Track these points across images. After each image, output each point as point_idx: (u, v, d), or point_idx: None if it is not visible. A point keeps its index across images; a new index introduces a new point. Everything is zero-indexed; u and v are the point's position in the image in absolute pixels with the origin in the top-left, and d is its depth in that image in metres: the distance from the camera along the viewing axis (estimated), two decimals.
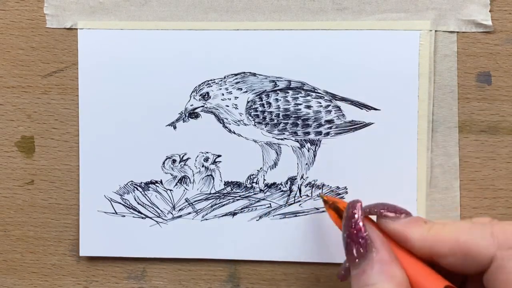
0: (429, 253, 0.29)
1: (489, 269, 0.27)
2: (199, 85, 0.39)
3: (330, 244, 0.38)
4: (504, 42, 0.38)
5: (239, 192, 0.39)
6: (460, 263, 0.28)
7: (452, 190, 0.38)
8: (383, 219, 0.31)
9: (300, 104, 0.38)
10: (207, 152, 0.39)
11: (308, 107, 0.38)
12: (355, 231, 0.30)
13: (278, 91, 0.38)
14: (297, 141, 0.39)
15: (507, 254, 0.26)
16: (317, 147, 0.38)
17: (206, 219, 0.39)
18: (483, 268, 0.27)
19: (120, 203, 0.39)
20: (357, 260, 0.29)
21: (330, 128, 0.38)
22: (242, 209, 0.39)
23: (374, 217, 0.32)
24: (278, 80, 0.38)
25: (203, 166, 0.39)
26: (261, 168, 0.39)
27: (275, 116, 0.38)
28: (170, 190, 0.39)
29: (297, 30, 0.38)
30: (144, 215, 0.39)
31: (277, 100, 0.38)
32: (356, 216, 0.30)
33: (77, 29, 0.39)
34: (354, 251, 0.29)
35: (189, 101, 0.39)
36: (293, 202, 0.39)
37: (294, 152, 0.39)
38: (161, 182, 0.39)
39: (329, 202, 0.34)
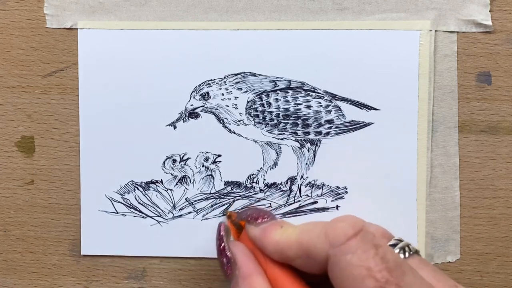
0: (281, 258, 0.30)
1: (327, 268, 0.27)
2: (199, 85, 0.39)
3: None
4: (504, 42, 0.38)
5: (239, 192, 0.39)
6: (306, 264, 0.29)
7: (452, 190, 0.38)
8: (248, 226, 0.32)
9: (300, 104, 0.38)
10: (207, 152, 0.39)
11: (308, 107, 0.38)
12: (220, 252, 0.32)
13: (278, 91, 0.38)
14: (297, 141, 0.39)
15: (337, 250, 0.27)
16: (317, 147, 0.38)
17: (207, 219, 0.39)
18: (325, 267, 0.28)
19: (121, 202, 0.39)
20: (228, 276, 0.31)
21: (330, 128, 0.38)
22: (242, 209, 0.39)
23: None
24: (278, 80, 0.38)
25: (203, 166, 0.39)
26: (261, 168, 0.39)
27: (275, 116, 0.38)
28: (171, 189, 0.39)
29: (297, 30, 0.38)
30: (145, 214, 0.39)
31: (277, 100, 0.38)
32: (220, 237, 0.32)
33: (77, 29, 0.39)
34: (224, 269, 0.31)
35: (189, 101, 0.39)
36: (293, 202, 0.39)
37: (294, 152, 0.39)
38: (161, 181, 0.39)
39: (232, 218, 0.35)
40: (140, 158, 0.39)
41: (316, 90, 0.38)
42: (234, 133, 0.39)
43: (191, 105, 0.39)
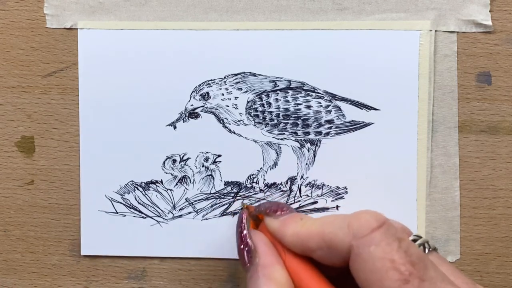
0: (301, 249, 0.30)
1: (350, 259, 0.27)
2: (199, 85, 0.39)
3: None
4: (504, 42, 0.38)
5: (239, 192, 0.39)
6: (327, 256, 0.28)
7: (452, 190, 0.38)
8: (266, 218, 0.32)
9: (300, 104, 0.38)
10: (207, 152, 0.39)
11: (308, 107, 0.38)
12: (241, 239, 0.32)
13: (278, 91, 0.38)
14: (297, 141, 0.39)
15: (361, 242, 0.27)
16: (317, 147, 0.38)
17: (207, 219, 0.39)
18: (346, 259, 0.27)
19: (120, 202, 0.39)
20: (247, 265, 0.31)
21: (330, 128, 0.38)
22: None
23: None
24: (278, 80, 0.38)
25: (203, 166, 0.39)
26: (261, 168, 0.39)
27: (275, 116, 0.38)
28: (171, 190, 0.39)
29: (297, 30, 0.38)
30: (145, 214, 0.39)
31: (277, 100, 0.38)
32: (242, 225, 0.32)
33: (77, 29, 0.39)
34: (243, 258, 0.31)
35: (189, 101, 0.39)
36: (293, 202, 0.39)
37: (294, 152, 0.39)
38: (161, 182, 0.39)
39: (249, 210, 0.35)
40: (140, 158, 0.39)
41: (316, 90, 0.38)
42: (234, 133, 0.39)
43: (191, 105, 0.39)
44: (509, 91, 0.38)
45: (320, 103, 0.38)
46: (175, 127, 0.39)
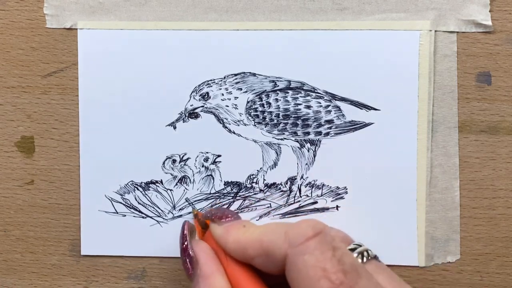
0: (242, 256, 0.30)
1: (285, 267, 0.28)
2: (199, 85, 0.39)
3: None
4: (504, 42, 0.38)
5: (239, 192, 0.39)
6: (266, 264, 0.29)
7: (452, 190, 0.38)
8: (211, 224, 0.33)
9: (300, 104, 0.38)
10: (207, 152, 0.39)
11: (308, 107, 0.38)
12: (183, 250, 0.32)
13: (278, 91, 0.38)
14: (297, 141, 0.39)
15: (296, 250, 0.27)
16: (317, 147, 0.38)
17: None
18: (283, 267, 0.28)
19: (120, 202, 0.39)
20: (190, 275, 0.32)
21: (330, 128, 0.38)
22: (242, 209, 0.39)
23: None
24: (278, 80, 0.38)
25: (203, 166, 0.39)
26: (261, 168, 0.39)
27: (275, 116, 0.38)
28: (171, 190, 0.39)
29: (297, 30, 0.38)
30: (145, 214, 0.39)
31: (277, 100, 0.38)
32: (183, 236, 0.33)
33: (77, 29, 0.39)
34: (186, 268, 0.32)
35: (189, 101, 0.39)
36: (293, 202, 0.39)
37: (294, 152, 0.39)
38: (161, 182, 0.39)
39: (198, 217, 0.35)
40: (140, 158, 0.39)
41: (316, 90, 0.38)
42: (234, 133, 0.39)
43: (191, 105, 0.39)
44: (509, 91, 0.38)
45: (320, 103, 0.38)
46: (175, 127, 0.39)
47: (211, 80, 0.39)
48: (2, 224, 0.40)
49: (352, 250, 0.29)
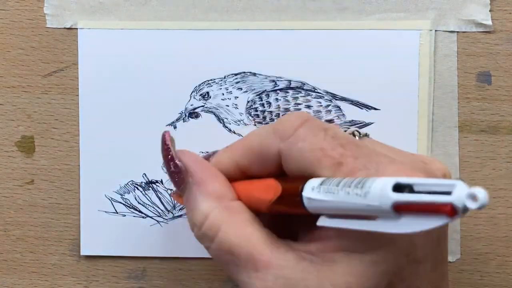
0: (238, 171, 0.29)
1: (282, 163, 0.27)
2: (199, 85, 0.39)
3: None
4: (504, 42, 0.38)
5: None
6: (263, 168, 0.28)
7: None
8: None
9: (300, 104, 0.38)
10: (207, 152, 0.39)
11: (308, 106, 0.38)
12: (168, 162, 0.30)
13: (278, 91, 0.38)
14: None
15: (288, 142, 0.26)
16: None
17: None
18: (281, 165, 0.27)
19: (120, 202, 0.39)
20: (181, 188, 0.29)
21: None
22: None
23: None
24: (278, 80, 0.38)
25: None
26: None
27: (275, 116, 0.38)
28: (171, 189, 0.39)
29: (297, 30, 0.38)
30: (145, 214, 0.39)
31: (277, 100, 0.38)
32: (166, 146, 0.30)
33: (77, 29, 0.39)
34: (175, 181, 0.30)
35: (189, 101, 0.39)
36: None
37: None
38: (161, 182, 0.39)
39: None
40: (140, 158, 0.39)
41: (316, 90, 0.38)
42: (235, 133, 0.39)
43: (191, 105, 0.39)
44: (509, 91, 0.38)
45: (320, 103, 0.38)
46: (175, 127, 0.39)
47: (211, 79, 0.39)
48: (2, 224, 0.40)
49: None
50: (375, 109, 0.38)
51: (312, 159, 0.25)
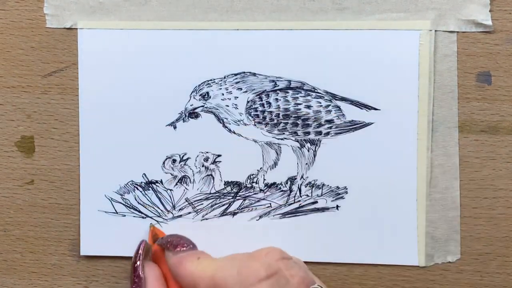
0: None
1: None
2: (199, 85, 0.39)
3: (330, 244, 0.38)
4: (504, 42, 0.38)
5: (239, 192, 0.39)
6: None
7: (452, 190, 0.38)
8: (166, 252, 0.33)
9: (300, 104, 0.38)
10: (207, 152, 0.39)
11: (308, 107, 0.38)
12: (134, 270, 0.33)
13: (278, 91, 0.38)
14: (297, 141, 0.39)
15: None
16: (317, 147, 0.38)
17: (206, 219, 0.39)
18: None
19: (120, 202, 0.39)
20: None
21: (330, 128, 0.38)
22: (242, 209, 0.39)
23: None
24: (278, 80, 0.38)
25: (203, 166, 0.39)
26: (261, 168, 0.39)
27: (275, 116, 0.38)
28: (170, 189, 0.39)
29: (297, 30, 0.38)
30: (145, 214, 0.39)
31: (277, 100, 0.38)
32: (137, 255, 0.33)
33: (77, 29, 0.39)
34: (132, 285, 0.32)
35: (189, 101, 0.39)
36: (293, 202, 0.39)
37: (294, 152, 0.39)
38: (161, 182, 0.39)
39: (154, 232, 0.37)
40: (140, 158, 0.39)
41: (316, 90, 0.38)
42: (234, 133, 0.39)
43: (191, 105, 0.39)
44: (509, 91, 0.38)
45: (320, 103, 0.38)
46: (175, 127, 0.39)
47: (211, 79, 0.39)
48: (2, 224, 0.40)
49: None
50: (375, 109, 0.38)
51: None
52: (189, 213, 0.39)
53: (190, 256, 0.32)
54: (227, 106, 0.39)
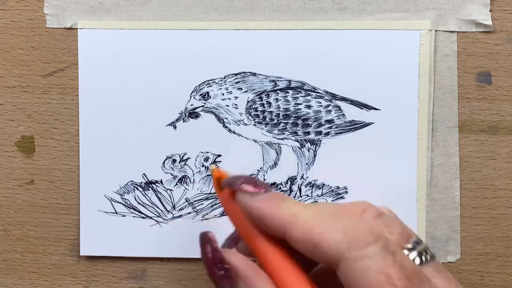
0: (282, 234, 0.27)
1: (339, 267, 0.26)
2: (199, 85, 0.39)
3: None
4: (504, 42, 0.38)
5: None
6: (310, 252, 0.26)
7: (452, 190, 0.38)
8: (241, 194, 0.29)
9: (300, 104, 0.38)
10: (207, 152, 0.39)
11: (308, 107, 0.38)
12: (216, 264, 0.29)
13: (278, 91, 0.38)
14: (297, 141, 0.39)
15: (355, 254, 0.25)
16: (317, 147, 0.38)
17: (206, 219, 0.39)
18: (332, 264, 0.26)
19: (120, 202, 0.39)
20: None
21: (330, 128, 0.38)
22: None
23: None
24: (278, 80, 0.38)
25: (203, 166, 0.39)
26: (261, 168, 0.39)
27: (275, 116, 0.38)
28: (170, 190, 0.39)
29: (297, 30, 0.38)
30: (145, 214, 0.39)
31: (277, 100, 0.38)
32: (213, 250, 0.29)
33: (77, 29, 0.39)
34: (221, 283, 0.29)
35: (189, 101, 0.39)
36: None
37: (294, 152, 0.39)
38: (161, 182, 0.39)
39: (216, 175, 0.31)
40: (140, 158, 0.39)
41: (316, 90, 0.38)
42: (234, 133, 0.39)
43: (191, 105, 0.39)
44: (509, 91, 0.38)
45: (320, 103, 0.38)
46: (175, 127, 0.39)
47: (211, 79, 0.39)
48: (2, 224, 0.40)
49: (413, 248, 0.27)
50: (375, 109, 0.38)
51: (374, 282, 0.25)
52: (189, 213, 0.39)
53: (275, 197, 0.28)
54: (227, 106, 0.39)
